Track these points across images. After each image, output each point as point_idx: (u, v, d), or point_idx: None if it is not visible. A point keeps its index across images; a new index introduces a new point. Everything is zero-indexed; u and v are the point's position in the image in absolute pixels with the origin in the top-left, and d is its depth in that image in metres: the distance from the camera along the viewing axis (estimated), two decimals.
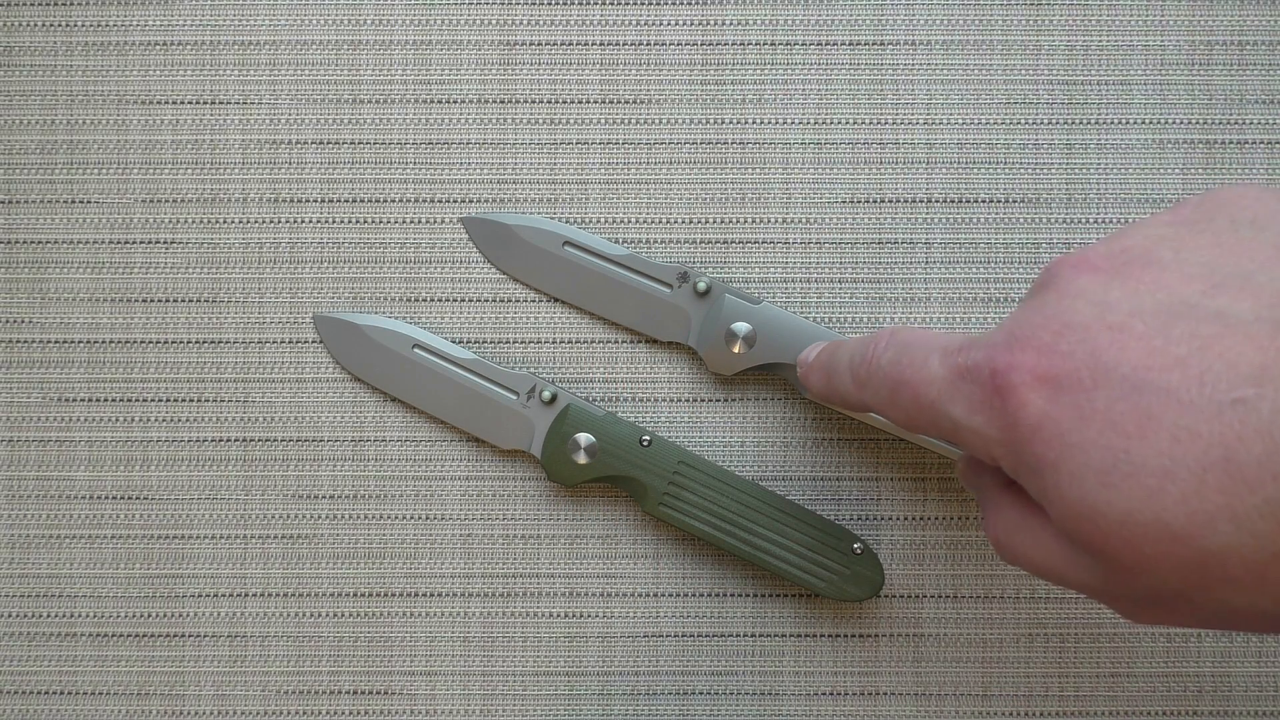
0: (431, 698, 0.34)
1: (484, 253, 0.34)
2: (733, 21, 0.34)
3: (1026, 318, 0.21)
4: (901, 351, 0.24)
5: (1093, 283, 0.20)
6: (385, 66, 0.34)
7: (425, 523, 0.34)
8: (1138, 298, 0.20)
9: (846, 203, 0.34)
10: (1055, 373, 0.20)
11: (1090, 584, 0.21)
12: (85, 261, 0.34)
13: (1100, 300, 0.20)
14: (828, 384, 0.28)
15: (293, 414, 0.34)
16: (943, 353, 0.23)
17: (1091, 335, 0.19)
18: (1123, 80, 0.34)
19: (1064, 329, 0.20)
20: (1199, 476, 0.18)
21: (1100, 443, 0.19)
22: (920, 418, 0.23)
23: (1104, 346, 0.19)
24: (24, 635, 0.34)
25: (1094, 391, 0.19)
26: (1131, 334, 0.19)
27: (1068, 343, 0.20)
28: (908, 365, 0.23)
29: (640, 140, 0.34)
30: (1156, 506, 0.18)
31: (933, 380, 0.23)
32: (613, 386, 0.34)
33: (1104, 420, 0.19)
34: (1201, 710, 0.34)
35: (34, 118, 0.34)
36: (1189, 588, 0.19)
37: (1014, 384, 0.20)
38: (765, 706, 0.34)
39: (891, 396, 0.24)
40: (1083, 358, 0.19)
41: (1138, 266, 0.20)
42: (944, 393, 0.22)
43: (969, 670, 0.34)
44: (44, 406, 0.34)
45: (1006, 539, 0.23)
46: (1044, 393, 0.20)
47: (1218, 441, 0.18)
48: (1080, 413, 0.19)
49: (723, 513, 0.33)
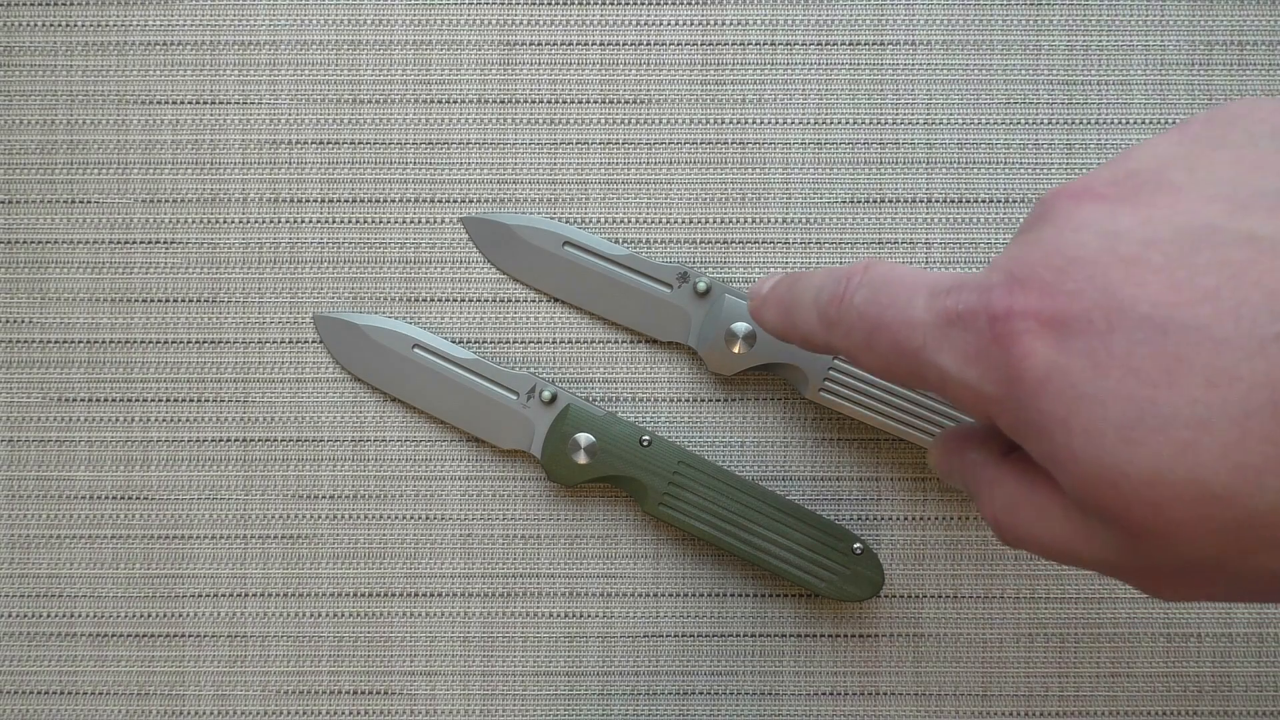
0: (431, 698, 0.34)
1: (484, 253, 0.34)
2: (733, 21, 0.34)
3: (1023, 254, 0.18)
4: (879, 289, 0.21)
5: (1097, 212, 0.18)
6: (385, 66, 0.34)
7: (425, 523, 0.34)
8: (1152, 225, 0.17)
9: (846, 203, 0.34)
10: (1062, 315, 0.17)
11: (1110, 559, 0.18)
12: (85, 261, 0.34)
13: (1109, 230, 0.17)
14: (786, 320, 0.25)
15: (293, 414, 0.34)
16: (929, 293, 0.20)
17: (1102, 270, 0.17)
18: (1123, 80, 0.34)
19: (1068, 264, 0.17)
20: (1241, 425, 0.15)
21: (1120, 393, 0.16)
22: (900, 366, 0.20)
23: (1118, 282, 0.17)
24: (24, 635, 0.34)
25: (1109, 335, 0.17)
26: (1149, 266, 0.17)
27: (1074, 280, 0.17)
28: (888, 305, 0.20)
29: (640, 140, 0.34)
30: (1191, 463, 0.16)
31: (917, 324, 0.20)
32: (613, 386, 0.34)
33: (1123, 367, 0.16)
34: (1201, 710, 0.34)
35: (34, 118, 0.34)
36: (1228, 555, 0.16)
37: (1015, 331, 0.18)
38: (765, 706, 0.34)
39: (867, 340, 0.21)
40: (1093, 296, 0.17)
41: (1148, 190, 0.18)
42: (930, 339, 0.19)
43: (969, 670, 0.34)
44: (44, 406, 0.34)
45: (1007, 516, 0.20)
46: (1050, 339, 0.17)
47: (1262, 382, 0.15)
48: (1094, 360, 0.17)
49: (723, 513, 0.33)
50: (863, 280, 0.22)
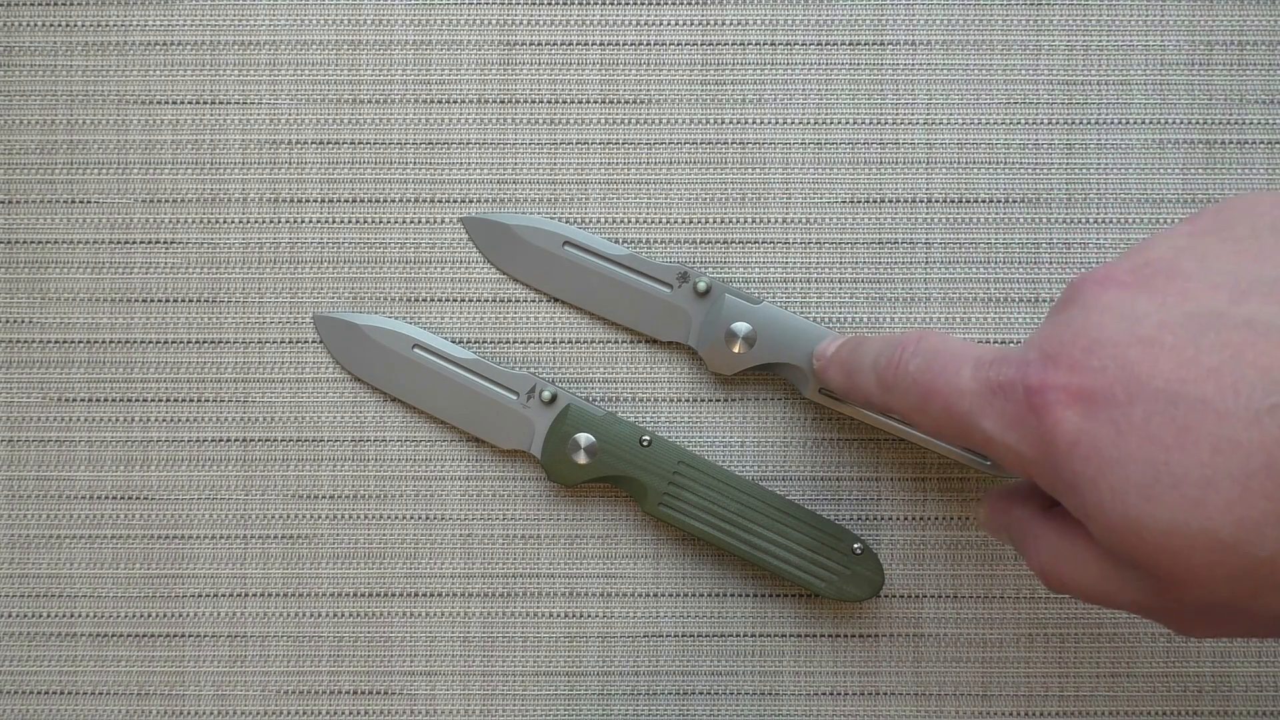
0: (431, 698, 0.34)
1: (484, 253, 0.34)
2: (733, 21, 0.34)
3: (1055, 334, 0.21)
4: (931, 359, 0.24)
5: (1119, 297, 0.20)
6: (385, 66, 0.34)
7: (425, 523, 0.34)
8: (1165, 310, 0.20)
9: (846, 203, 0.34)
10: (1089, 389, 0.20)
11: (1141, 601, 0.21)
12: (85, 261, 0.34)
13: (1128, 314, 0.20)
14: (848, 382, 0.28)
15: (293, 414, 0.34)
16: (975, 365, 0.23)
17: (1122, 350, 0.20)
18: (1123, 80, 0.34)
19: (1094, 345, 0.20)
20: (1242, 484, 0.18)
21: (1139, 456, 0.19)
22: (950, 428, 0.23)
23: (1136, 360, 0.19)
24: (24, 635, 0.34)
25: (1129, 406, 0.19)
26: (1162, 346, 0.19)
27: (1099, 359, 0.20)
28: (939, 374, 0.23)
29: (640, 140, 0.34)
30: (1201, 516, 0.18)
31: (964, 393, 0.23)
32: (613, 386, 0.34)
33: (1141, 434, 0.19)
34: (1201, 710, 0.34)
35: (34, 118, 0.34)
36: (1240, 597, 0.19)
37: (1049, 402, 0.20)
38: (765, 706, 0.34)
39: (920, 404, 0.24)
40: (1115, 373, 0.20)
41: (1162, 278, 0.20)
42: (976, 406, 0.22)
43: (969, 670, 0.34)
44: (44, 406, 0.34)
45: (1052, 566, 0.23)
46: (1079, 409, 0.20)
47: (1258, 448, 0.18)
48: (1117, 428, 0.19)
49: (723, 513, 0.33)
50: (916, 349, 0.25)
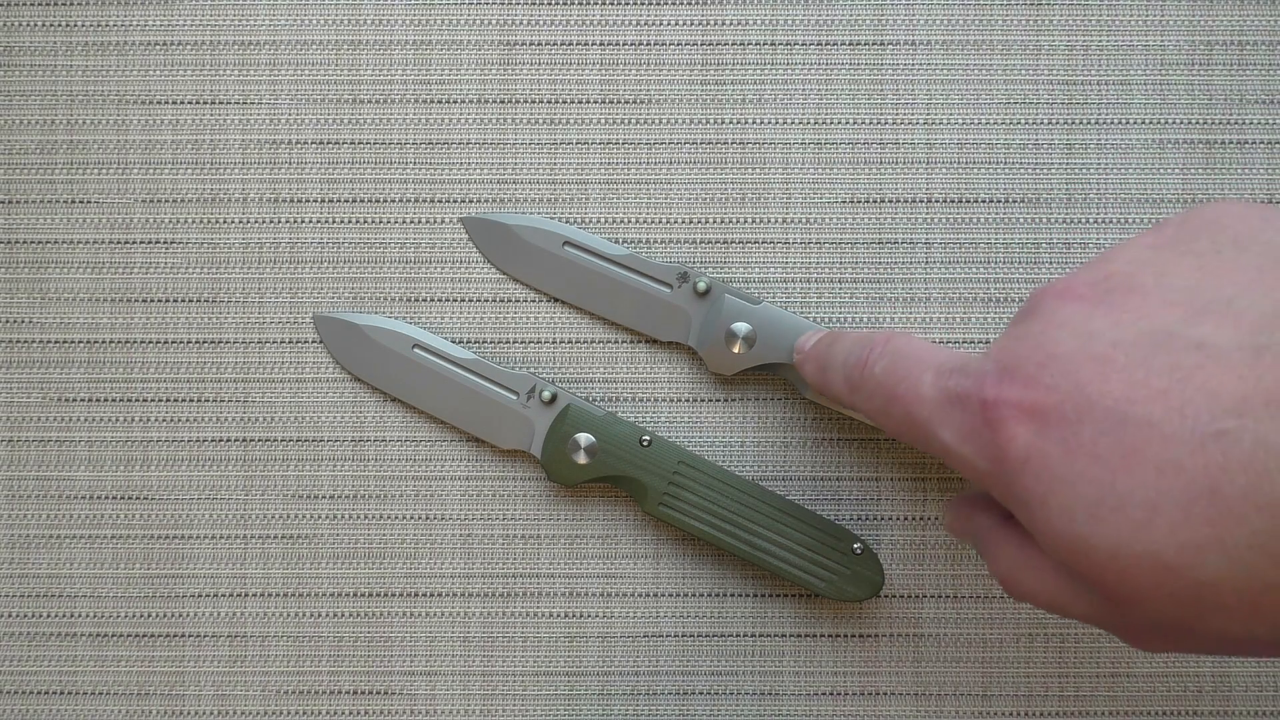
0: (431, 698, 0.34)
1: (484, 253, 0.34)
2: (733, 21, 0.34)
3: (1012, 347, 0.21)
4: (896, 361, 0.24)
5: (1076, 311, 0.20)
6: (385, 66, 0.34)
7: (425, 523, 0.34)
8: (1120, 328, 0.19)
9: (846, 203, 0.34)
10: (1041, 406, 0.20)
11: (1095, 615, 0.21)
12: (85, 261, 0.34)
13: (1083, 330, 0.20)
14: (821, 378, 0.28)
15: (293, 414, 0.34)
16: (936, 372, 0.23)
17: (1075, 367, 0.19)
18: (1123, 80, 0.34)
19: (1048, 360, 0.20)
20: (1185, 509, 0.18)
21: (1087, 475, 0.19)
22: (911, 433, 0.23)
23: (1087, 379, 0.19)
24: (24, 635, 0.34)
25: (1079, 425, 0.19)
26: (1114, 365, 0.19)
27: (1051, 375, 0.20)
28: (902, 378, 0.23)
29: (640, 140, 0.34)
30: (1145, 539, 0.18)
31: (924, 400, 0.23)
32: (613, 386, 0.34)
33: (1089, 454, 0.19)
34: (1201, 710, 0.34)
35: (34, 118, 0.34)
36: (1186, 617, 0.19)
37: (1002, 417, 0.20)
38: (765, 706, 0.34)
39: (884, 407, 0.24)
40: (1067, 390, 0.19)
41: (1120, 293, 0.20)
42: (934, 415, 0.22)
43: (969, 670, 0.34)
44: (44, 406, 0.34)
45: (1011, 575, 0.23)
46: (1031, 426, 0.20)
47: (1201, 474, 0.18)
48: (1066, 446, 0.19)
49: (723, 513, 0.33)
50: (883, 351, 0.25)
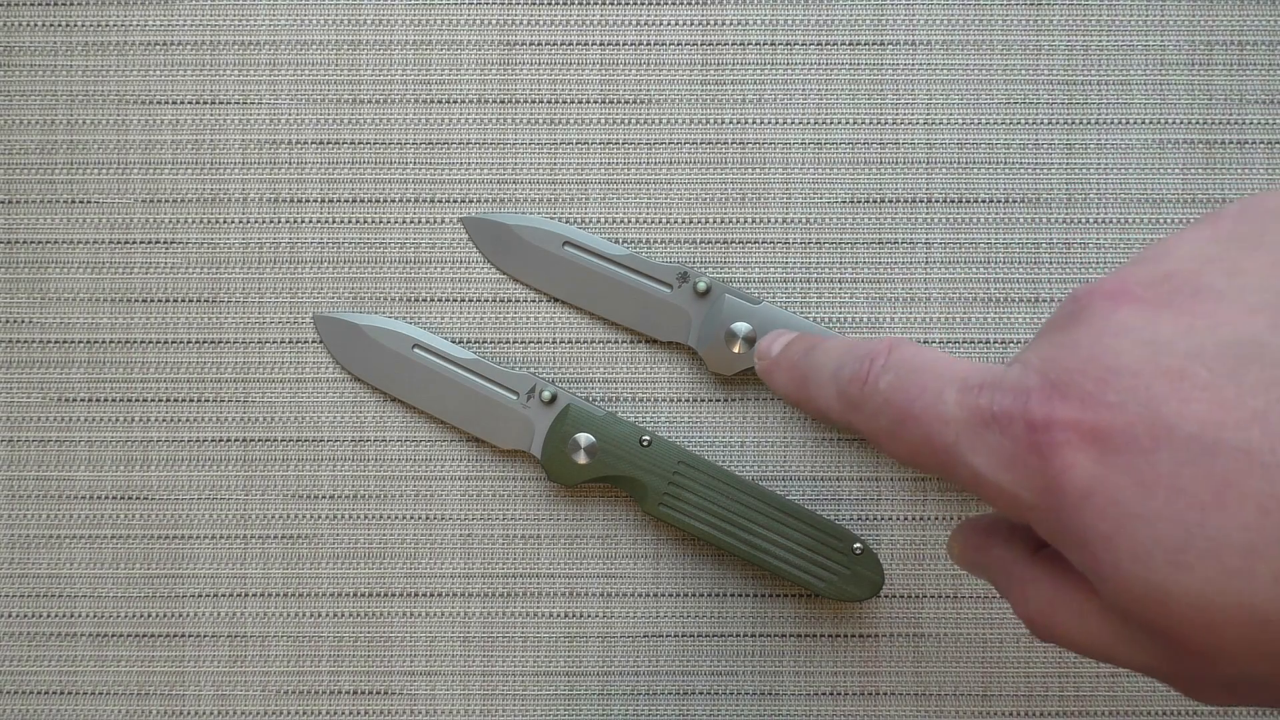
0: (431, 698, 0.34)
1: (484, 253, 0.34)
2: (733, 21, 0.34)
3: (1059, 358, 0.18)
4: (907, 375, 0.20)
5: (1136, 316, 0.17)
6: (385, 66, 0.34)
7: (425, 523, 0.34)
8: (1194, 335, 0.16)
9: (846, 203, 0.34)
10: (1105, 429, 0.17)
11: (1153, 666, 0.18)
12: (85, 261, 0.34)
13: (1149, 339, 0.17)
14: (800, 391, 0.24)
15: (293, 414, 0.34)
16: (961, 388, 0.19)
17: (1144, 383, 0.16)
18: (1123, 80, 0.34)
19: (1109, 375, 0.17)
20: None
21: (1167, 514, 0.16)
22: (928, 460, 0.20)
23: (1162, 398, 0.16)
24: (24, 635, 0.34)
25: (1154, 454, 0.16)
26: (1195, 382, 0.16)
27: (1116, 392, 0.17)
28: (917, 395, 0.20)
29: (640, 140, 0.34)
30: (1241, 588, 0.16)
31: (949, 421, 0.19)
32: (613, 386, 0.34)
33: (1170, 487, 0.16)
34: (1201, 710, 0.34)
35: (34, 118, 0.34)
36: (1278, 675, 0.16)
37: (1056, 442, 0.17)
38: (765, 706, 0.34)
39: (893, 429, 0.20)
40: (1137, 411, 0.16)
41: (1187, 295, 0.17)
42: (963, 439, 0.19)
43: (969, 670, 0.34)
44: (44, 406, 0.34)
45: (1044, 618, 0.20)
46: (1093, 453, 0.17)
47: None
48: (1139, 478, 0.16)
49: (723, 513, 0.33)
50: (888, 363, 0.21)
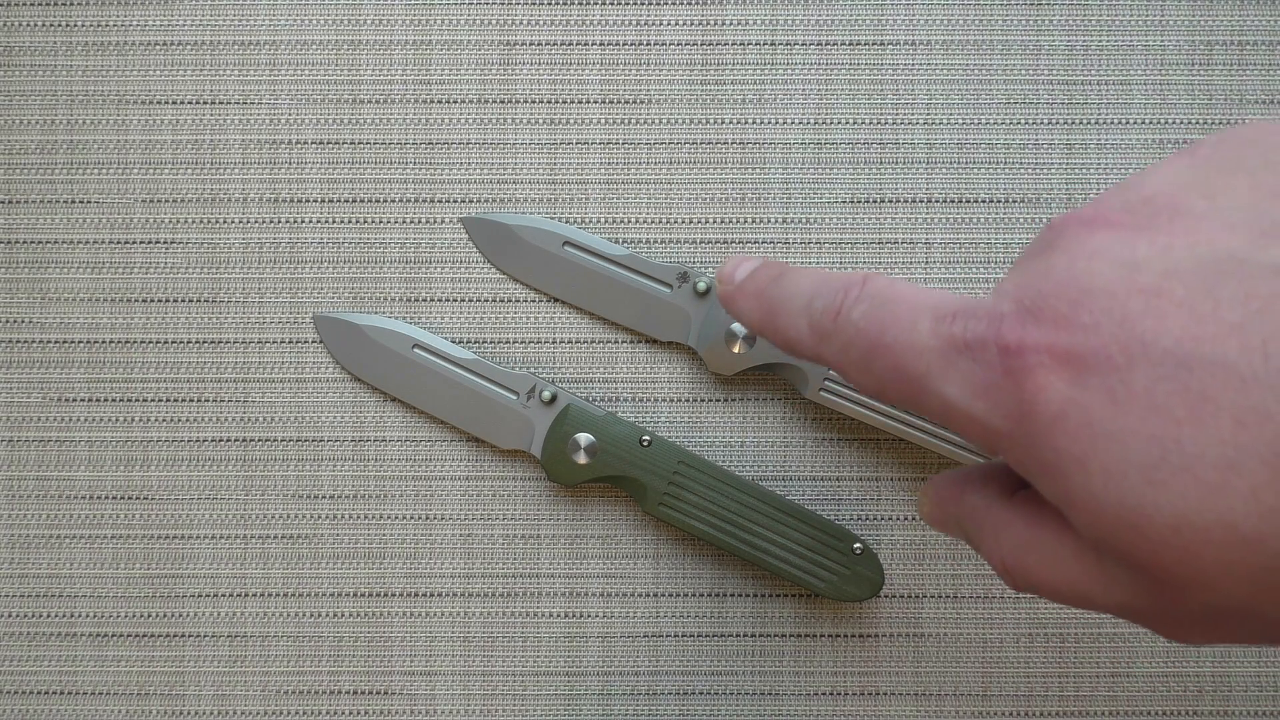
0: (431, 698, 0.34)
1: (484, 253, 0.34)
2: (733, 21, 0.34)
3: (1034, 283, 0.17)
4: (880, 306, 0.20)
5: (1112, 240, 0.17)
6: (385, 66, 0.34)
7: (425, 523, 0.34)
8: (1171, 254, 0.16)
9: (846, 203, 0.34)
10: (1079, 350, 0.16)
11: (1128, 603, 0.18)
12: (85, 261, 0.34)
13: (1125, 259, 0.16)
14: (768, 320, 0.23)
15: (293, 414, 0.34)
16: (934, 316, 0.19)
17: (1120, 303, 0.16)
18: (1123, 80, 0.34)
19: (1084, 296, 0.16)
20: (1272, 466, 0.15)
21: (1142, 431, 0.16)
22: (900, 390, 0.19)
23: (1137, 315, 0.16)
24: (24, 635, 0.34)
25: (1128, 371, 0.16)
26: (1170, 299, 0.16)
27: (1090, 313, 0.16)
28: (889, 325, 0.19)
29: (640, 140, 0.34)
30: (1220, 506, 0.15)
31: (921, 350, 0.19)
32: (613, 386, 0.34)
33: (1145, 404, 0.16)
34: (1201, 710, 0.34)
35: (34, 118, 0.34)
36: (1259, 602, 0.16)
37: (1028, 365, 0.17)
38: (765, 706, 0.34)
39: (863, 359, 0.20)
40: (1111, 330, 0.16)
41: (1165, 217, 0.17)
42: (935, 367, 0.18)
43: (969, 670, 0.34)
44: (44, 406, 0.34)
45: (1016, 562, 0.19)
46: (1066, 375, 0.16)
47: None
48: (1113, 397, 0.16)
49: (723, 513, 0.33)
50: (861, 294, 0.20)
